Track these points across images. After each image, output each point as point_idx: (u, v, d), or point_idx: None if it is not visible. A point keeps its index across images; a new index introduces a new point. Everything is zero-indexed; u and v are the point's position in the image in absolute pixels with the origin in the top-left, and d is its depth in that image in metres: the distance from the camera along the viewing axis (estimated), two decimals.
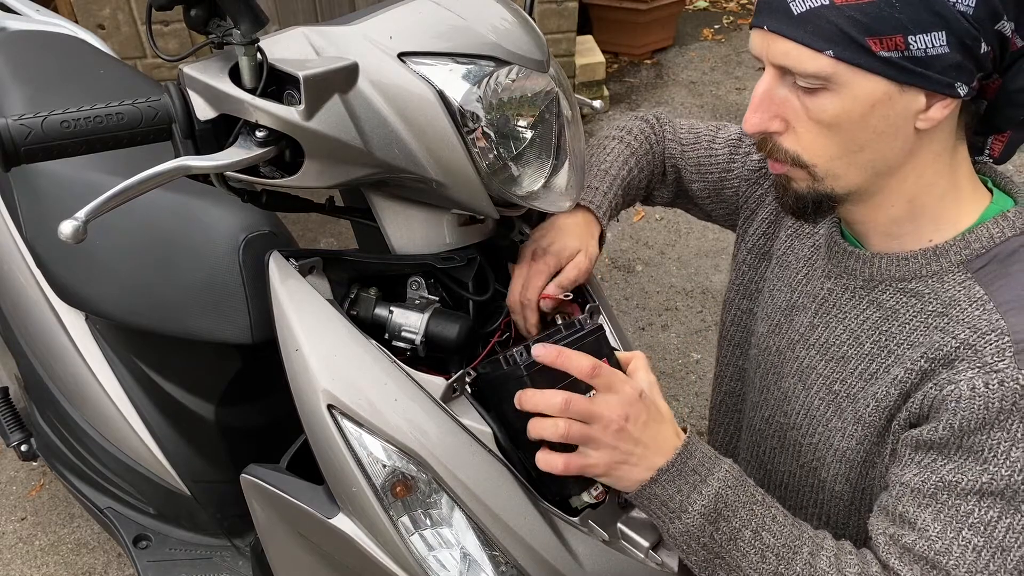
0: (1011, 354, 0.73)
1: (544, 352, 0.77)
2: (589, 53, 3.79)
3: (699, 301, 2.71)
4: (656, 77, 4.15)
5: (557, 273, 0.97)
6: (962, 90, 0.73)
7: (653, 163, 1.17)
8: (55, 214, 1.26)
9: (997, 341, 0.74)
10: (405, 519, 0.83)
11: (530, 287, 0.96)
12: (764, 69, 0.79)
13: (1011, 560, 0.72)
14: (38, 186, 1.32)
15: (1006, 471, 0.71)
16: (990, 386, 0.72)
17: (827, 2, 0.71)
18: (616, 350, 1.00)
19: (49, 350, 1.40)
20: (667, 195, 1.21)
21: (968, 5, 0.69)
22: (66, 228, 0.68)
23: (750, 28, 0.79)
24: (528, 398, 0.78)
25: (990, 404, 0.72)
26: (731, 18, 4.85)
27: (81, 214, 0.69)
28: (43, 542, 1.98)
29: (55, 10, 2.98)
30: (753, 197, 1.11)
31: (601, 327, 0.90)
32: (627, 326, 2.61)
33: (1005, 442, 0.71)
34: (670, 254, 2.91)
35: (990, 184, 0.86)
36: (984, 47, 0.71)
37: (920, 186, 0.80)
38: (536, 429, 0.79)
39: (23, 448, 1.63)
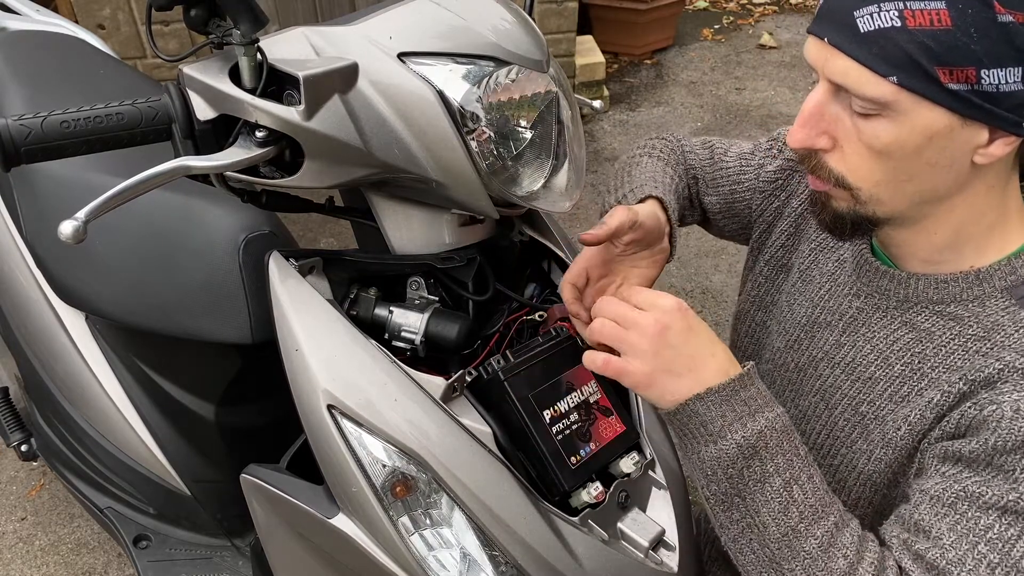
0: None
1: (590, 360, 0.80)
2: (589, 53, 3.79)
3: (699, 301, 2.71)
4: (656, 77, 4.15)
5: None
6: None
7: (687, 175, 1.15)
8: (55, 214, 1.27)
9: None
10: (405, 519, 0.83)
11: (573, 270, 0.93)
12: (817, 82, 0.74)
13: None
14: (38, 186, 1.32)
15: None
16: None
17: (899, 24, 0.66)
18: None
19: (49, 350, 1.40)
20: (694, 214, 1.19)
21: None
22: (66, 228, 0.68)
23: (808, 32, 0.74)
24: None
25: None
26: (731, 18, 4.85)
27: (81, 214, 0.69)
28: (43, 542, 1.98)
29: (55, 10, 2.98)
30: (769, 210, 1.08)
31: (573, 337, 0.94)
32: None
33: None
34: None
35: None
36: None
37: (968, 217, 0.77)
38: (588, 331, 0.81)
39: (23, 448, 1.63)
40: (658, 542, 0.91)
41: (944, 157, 0.71)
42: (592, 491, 0.87)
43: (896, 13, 0.66)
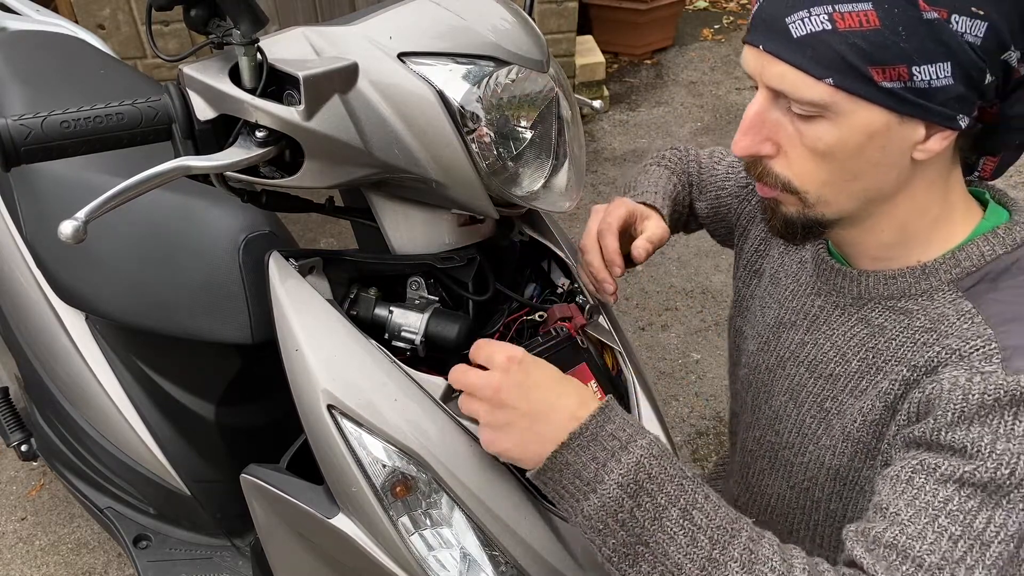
0: (999, 360, 0.70)
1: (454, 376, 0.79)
2: (589, 53, 3.79)
3: (699, 301, 2.71)
4: (656, 77, 4.15)
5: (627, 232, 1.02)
6: (963, 122, 0.70)
7: (689, 183, 1.19)
8: (55, 214, 1.27)
9: (984, 347, 0.72)
10: (405, 519, 0.83)
11: (612, 215, 0.99)
12: (757, 87, 0.76)
13: (990, 556, 0.66)
14: (38, 186, 1.32)
15: (992, 463, 0.67)
16: (973, 381, 0.69)
17: (829, 27, 0.67)
18: (613, 349, 1.01)
19: (49, 350, 1.40)
20: (695, 221, 1.23)
21: (976, 36, 0.66)
22: (66, 228, 0.68)
23: (743, 42, 0.76)
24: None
25: (970, 397, 0.69)
26: (731, 18, 4.85)
27: (81, 214, 0.69)
28: (43, 542, 1.98)
29: (55, 10, 2.98)
30: (744, 214, 1.11)
31: (573, 337, 0.93)
32: (627, 326, 2.61)
33: (989, 435, 0.68)
34: (670, 254, 2.91)
35: (987, 196, 0.84)
36: (989, 78, 0.69)
37: (913, 212, 0.79)
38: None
39: (23, 448, 1.63)
40: None
41: (885, 155, 0.72)
42: None
43: (826, 17, 0.67)
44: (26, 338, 1.47)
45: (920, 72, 0.67)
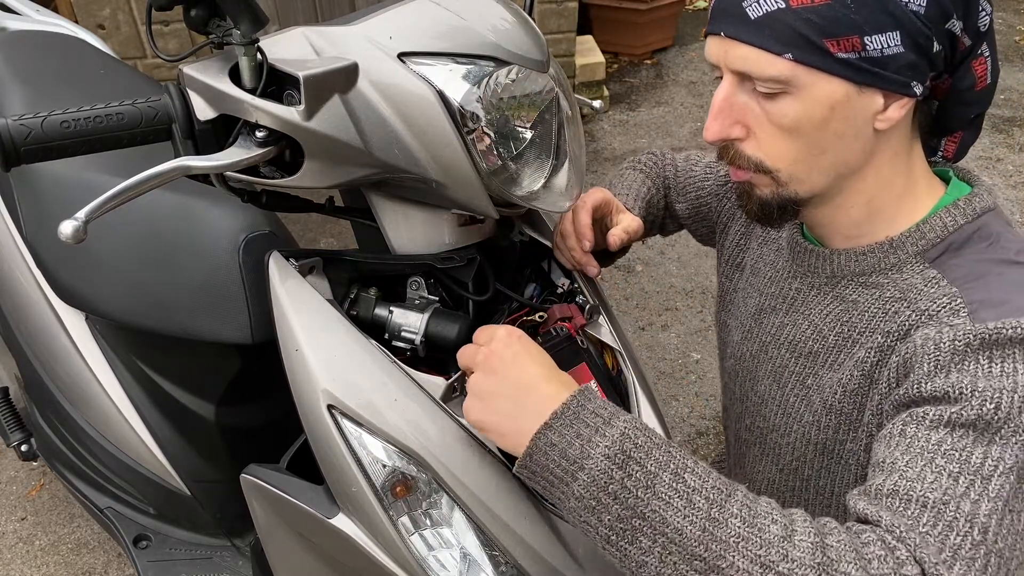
0: (966, 313, 0.73)
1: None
2: (589, 53, 3.79)
3: (699, 301, 2.71)
4: (656, 77, 4.15)
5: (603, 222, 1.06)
6: (917, 89, 0.74)
7: (664, 186, 1.23)
8: (55, 214, 1.27)
9: (951, 303, 0.75)
10: (405, 519, 0.83)
11: (588, 196, 1.02)
12: (721, 78, 0.79)
13: (993, 489, 0.65)
14: (38, 186, 1.32)
15: (976, 401, 0.67)
16: (943, 332, 0.72)
17: (783, 5, 0.72)
18: (613, 349, 1.01)
19: (49, 350, 1.40)
20: (673, 223, 1.28)
21: (920, 5, 0.71)
22: (66, 228, 0.68)
23: (704, 36, 0.80)
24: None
25: (942, 347, 0.71)
26: None
27: (81, 214, 0.69)
28: (43, 542, 1.98)
29: (55, 10, 2.98)
30: (724, 212, 1.14)
31: (573, 337, 0.93)
32: (627, 326, 2.61)
33: (967, 378, 0.69)
34: (670, 254, 2.91)
35: (950, 175, 0.87)
36: (936, 46, 0.73)
37: (879, 186, 0.82)
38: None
39: (23, 448, 1.63)
40: None
41: (849, 127, 0.76)
42: None
43: None
44: (26, 338, 1.47)
45: (872, 41, 0.71)
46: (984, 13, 0.75)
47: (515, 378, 0.74)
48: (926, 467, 0.67)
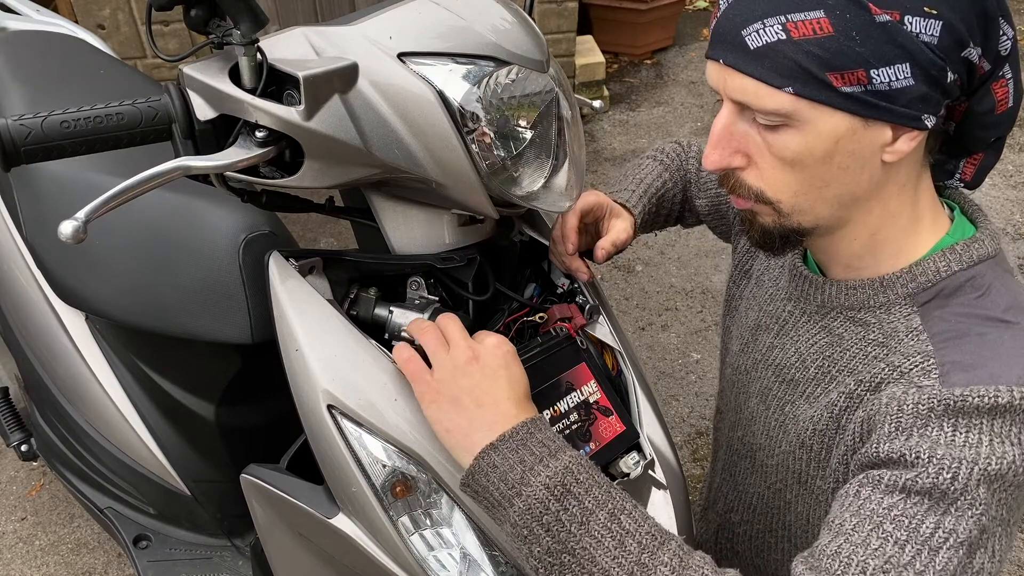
0: (936, 375, 0.71)
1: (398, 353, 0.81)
2: (589, 53, 3.79)
3: (699, 301, 2.71)
4: (656, 77, 4.15)
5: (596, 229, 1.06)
6: (929, 121, 0.70)
7: (685, 179, 1.20)
8: (55, 214, 1.27)
9: (923, 363, 0.73)
10: (405, 519, 0.83)
11: (580, 200, 1.01)
12: (723, 100, 0.76)
13: (939, 562, 0.63)
14: (38, 186, 1.32)
15: (933, 469, 0.65)
16: (908, 393, 0.70)
17: (784, 36, 0.67)
18: (613, 349, 1.01)
19: (49, 350, 1.40)
20: (692, 216, 1.25)
21: (932, 35, 0.66)
22: (66, 228, 0.68)
23: (706, 57, 0.76)
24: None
25: (905, 408, 0.69)
26: None
27: (81, 214, 0.69)
28: (43, 542, 1.98)
29: (55, 10, 2.98)
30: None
31: (573, 337, 0.94)
32: (627, 326, 2.61)
33: (927, 443, 0.67)
34: (670, 254, 2.91)
35: (957, 211, 0.83)
36: (951, 76, 0.68)
37: (884, 219, 0.78)
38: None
39: (23, 448, 1.63)
40: None
41: (854, 160, 0.72)
42: None
43: (780, 27, 0.67)
44: (26, 338, 1.47)
45: (879, 75, 0.66)
46: (1006, 37, 0.70)
47: (484, 388, 0.74)
48: (873, 532, 0.65)
